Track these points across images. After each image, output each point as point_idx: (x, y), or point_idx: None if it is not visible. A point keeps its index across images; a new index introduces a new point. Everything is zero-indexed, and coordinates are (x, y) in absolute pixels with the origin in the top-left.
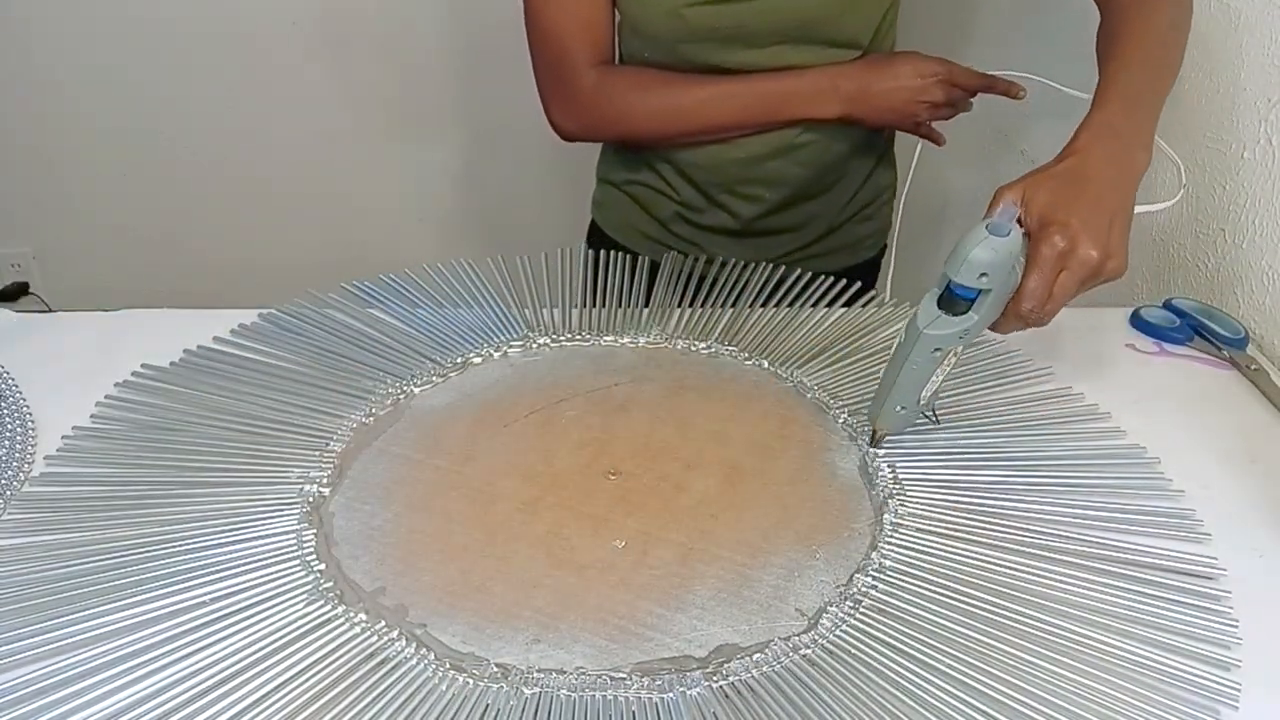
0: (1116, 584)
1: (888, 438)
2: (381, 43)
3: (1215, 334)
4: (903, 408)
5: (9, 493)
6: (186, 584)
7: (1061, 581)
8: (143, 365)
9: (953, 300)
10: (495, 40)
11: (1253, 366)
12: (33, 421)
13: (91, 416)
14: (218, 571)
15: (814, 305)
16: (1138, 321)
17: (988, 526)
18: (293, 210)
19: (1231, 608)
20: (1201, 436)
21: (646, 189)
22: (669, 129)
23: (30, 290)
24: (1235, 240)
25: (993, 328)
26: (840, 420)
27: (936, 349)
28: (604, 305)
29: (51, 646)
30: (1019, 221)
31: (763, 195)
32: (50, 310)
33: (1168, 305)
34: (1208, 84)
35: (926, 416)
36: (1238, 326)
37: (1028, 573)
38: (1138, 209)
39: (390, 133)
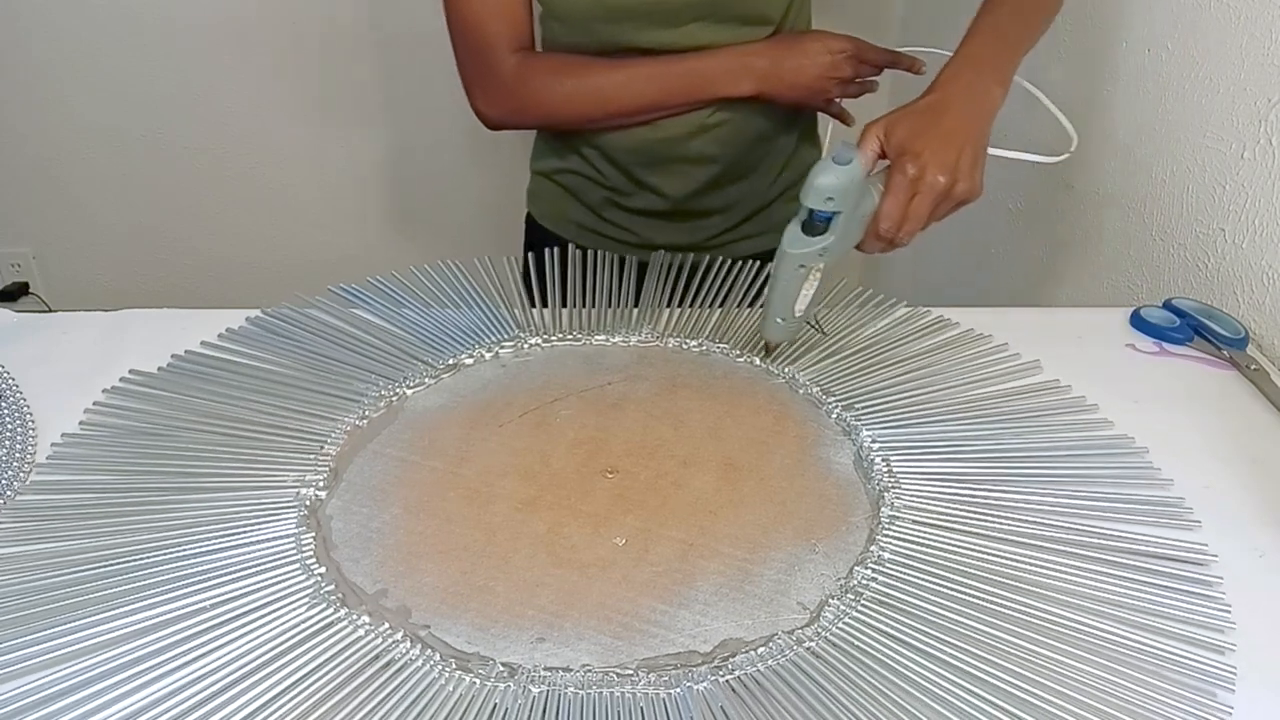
0: (1110, 571)
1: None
2: (384, 44)
3: (1215, 334)
4: (781, 319)
5: (9, 492)
6: (186, 590)
7: (1057, 570)
8: (130, 371)
9: (812, 224)
10: None
11: (1253, 366)
12: (33, 422)
13: (80, 424)
14: (217, 577)
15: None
16: (1138, 321)
17: (983, 517)
18: (294, 210)
19: (1224, 593)
20: (1201, 436)
21: (576, 176)
22: (588, 112)
23: (30, 290)
24: (1235, 240)
25: (859, 248)
26: (834, 415)
27: (800, 265)
28: (593, 305)
29: (51, 656)
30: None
31: (688, 173)
32: (50, 310)
33: (1168, 305)
34: (1208, 84)
35: (811, 326)
36: (1238, 326)
37: (1023, 562)
38: (1031, 157)
39: (391, 132)
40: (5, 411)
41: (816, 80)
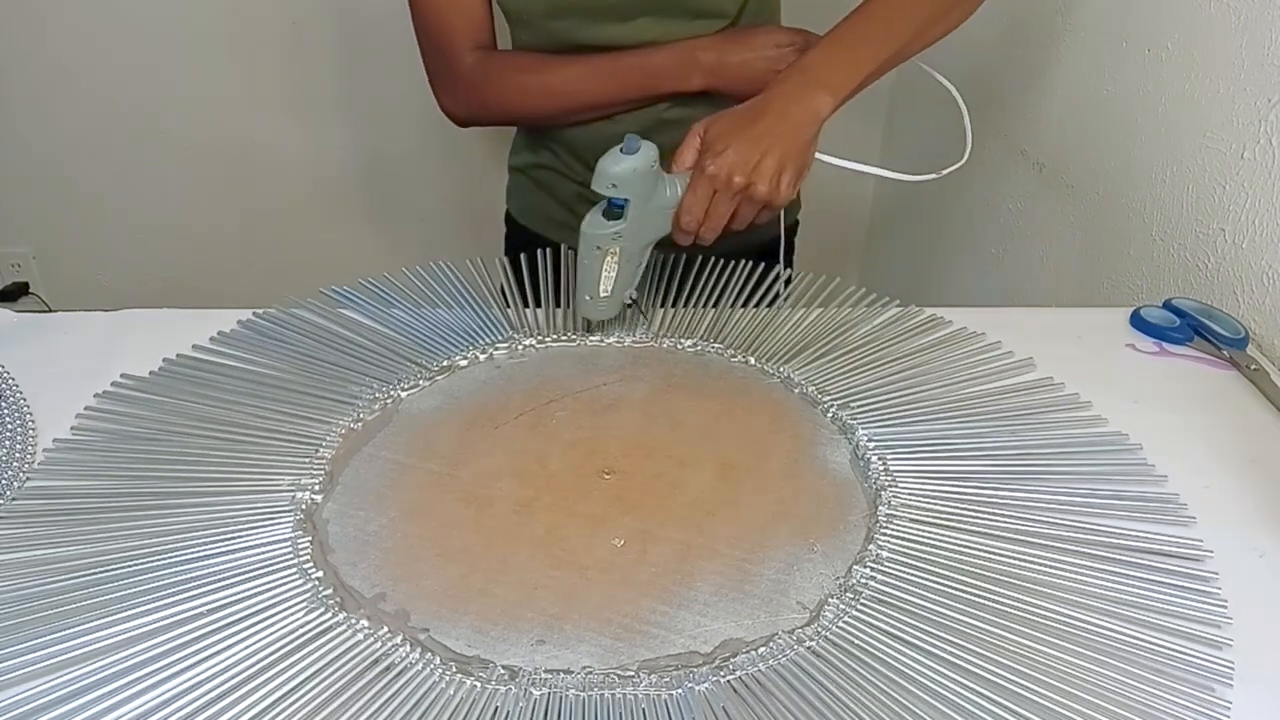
0: (1108, 568)
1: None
2: (385, 45)
3: (1215, 334)
4: (589, 296)
5: (9, 492)
6: (183, 596)
7: (1055, 567)
8: (122, 375)
9: (610, 210)
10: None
11: (1253, 366)
12: (33, 422)
13: (72, 429)
14: (213, 582)
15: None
16: (1138, 321)
17: (980, 515)
18: (294, 210)
19: (1220, 588)
20: (1201, 436)
21: (547, 171)
22: (544, 109)
23: (30, 290)
24: (1235, 240)
25: (673, 239)
26: (829, 414)
27: (597, 246)
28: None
29: (47, 663)
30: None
31: None
32: (50, 310)
33: (1168, 305)
34: (1208, 84)
35: (631, 304)
36: (1238, 326)
37: (1021, 559)
38: (887, 174)
39: (391, 133)
40: (5, 412)
41: (763, 75)
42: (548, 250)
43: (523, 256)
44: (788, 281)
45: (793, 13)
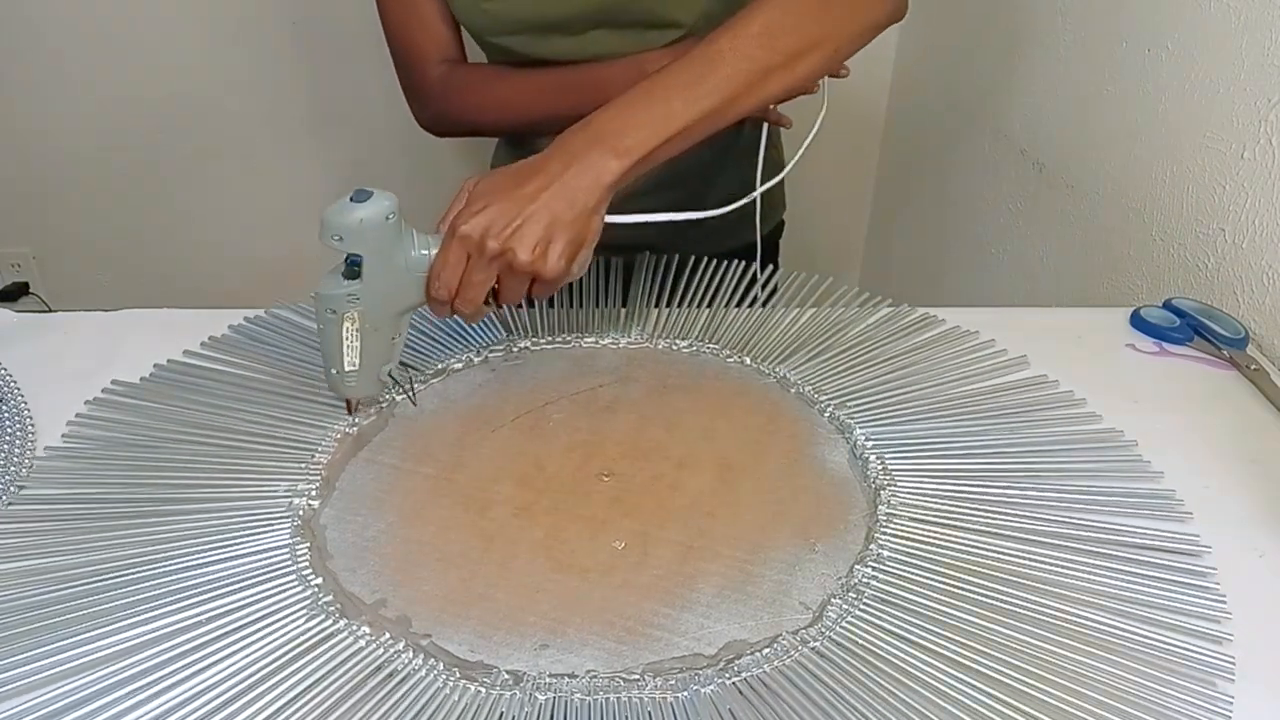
0: (1106, 564)
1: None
2: (385, 46)
3: (1215, 334)
4: (334, 370)
5: (4, 497)
6: (181, 604)
7: (1054, 564)
8: (113, 381)
9: (349, 269)
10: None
11: (1253, 366)
12: (32, 422)
13: (63, 436)
14: (212, 590)
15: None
16: (1138, 321)
17: (979, 513)
18: (295, 210)
19: (1218, 583)
20: (1201, 436)
21: None
22: (505, 121)
23: (30, 290)
24: (1235, 240)
25: (431, 313)
26: (827, 413)
27: (331, 310)
28: (581, 306)
29: (44, 675)
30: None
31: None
32: (50, 310)
33: (1168, 305)
34: (1208, 84)
35: (394, 385)
36: (1238, 326)
37: (1022, 557)
38: (704, 214)
39: (392, 134)
40: (5, 412)
41: None
42: None
43: None
44: (766, 284)
45: None
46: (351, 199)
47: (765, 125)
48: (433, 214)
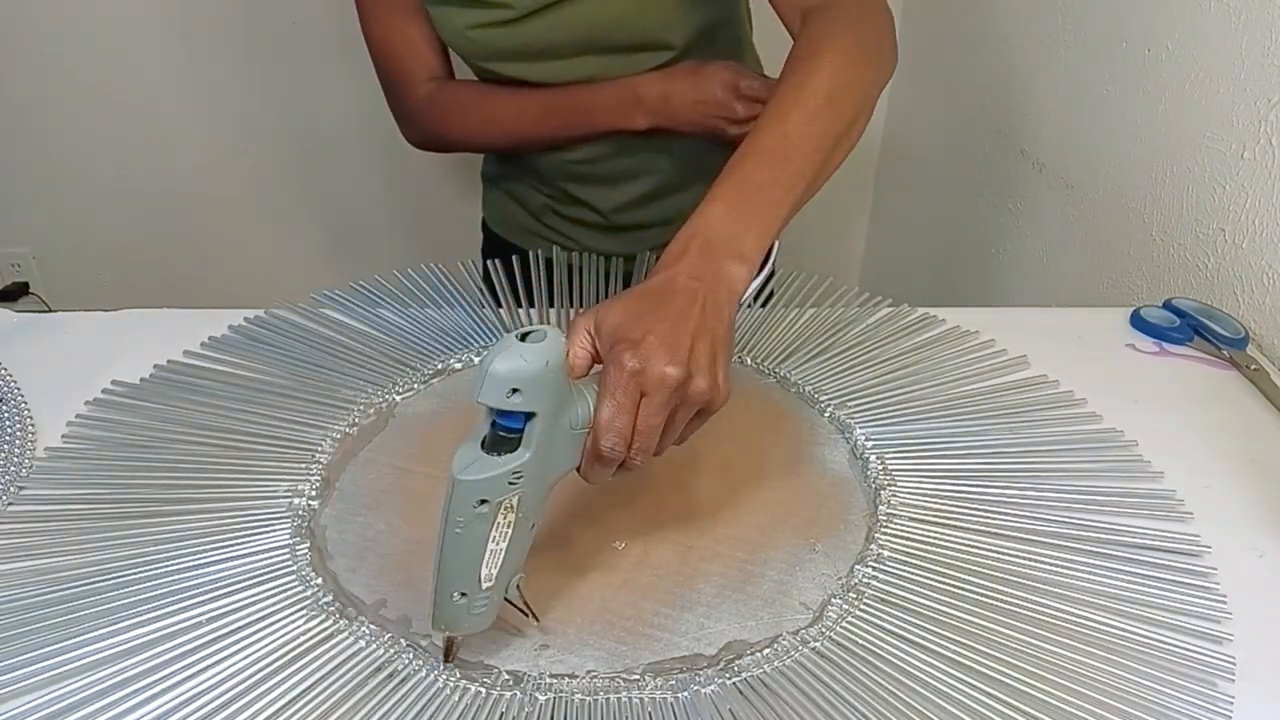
0: (1107, 564)
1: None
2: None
3: (1215, 334)
4: (463, 594)
5: (5, 497)
6: (182, 605)
7: (1055, 564)
8: (113, 381)
9: (498, 439)
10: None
11: (1253, 366)
12: (33, 422)
13: (63, 436)
14: (213, 591)
15: None
16: (1138, 321)
17: (979, 513)
18: (295, 210)
19: (1218, 583)
20: (1201, 436)
21: (518, 183)
22: (493, 142)
23: (30, 290)
24: (1235, 240)
25: (582, 476)
26: (827, 413)
27: (481, 499)
28: (581, 305)
29: (46, 676)
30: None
31: (618, 189)
32: (50, 310)
33: (1168, 305)
34: (1208, 84)
35: (516, 606)
36: (1238, 326)
37: (1022, 557)
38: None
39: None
40: (5, 412)
41: (706, 118)
42: (551, 251)
43: (531, 255)
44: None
45: (766, 41)
46: (521, 339)
47: None
48: (436, 215)
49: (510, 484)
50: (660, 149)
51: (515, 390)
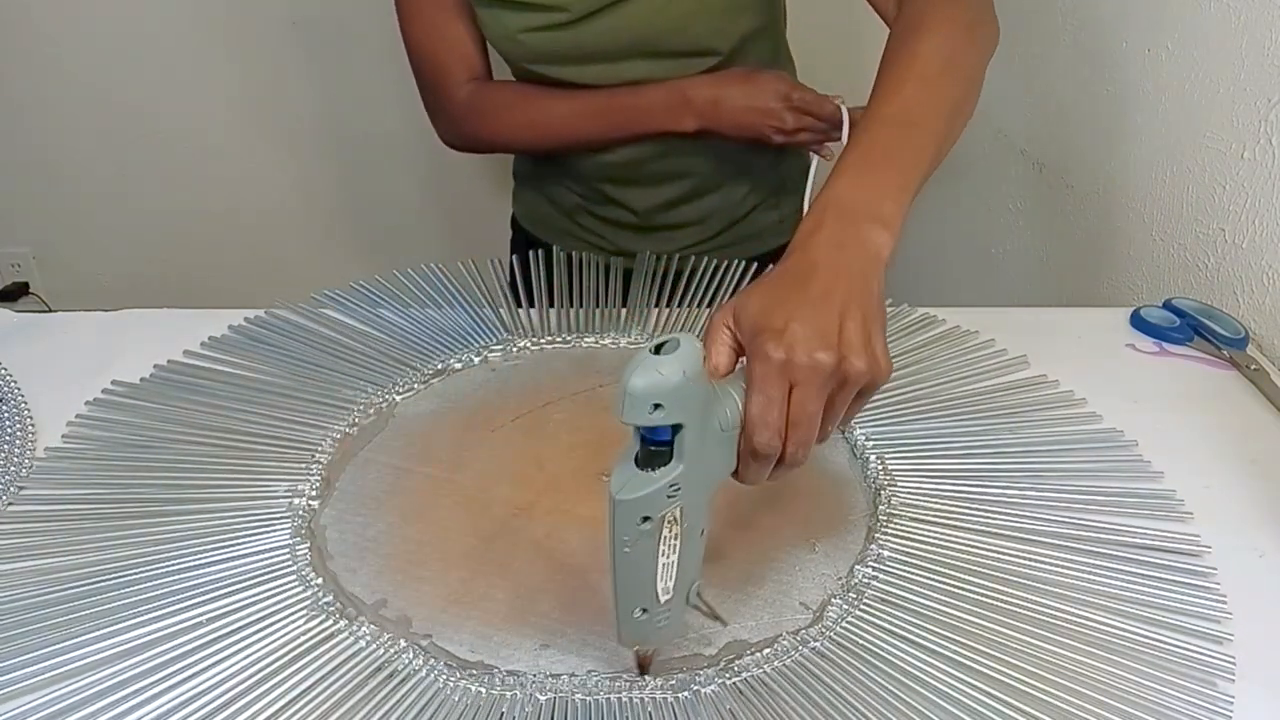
0: (1107, 564)
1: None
2: (386, 46)
3: (1215, 334)
4: (643, 610)
5: (5, 497)
6: (182, 605)
7: (1055, 564)
8: (113, 381)
9: (649, 454)
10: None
11: (1253, 366)
12: (33, 423)
13: (64, 436)
14: (212, 591)
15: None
16: (1138, 321)
17: (979, 513)
18: (295, 210)
19: (1219, 583)
20: (1201, 436)
21: (551, 182)
22: (536, 143)
23: (30, 290)
24: (1235, 240)
25: (737, 478)
26: None
27: (645, 517)
28: (581, 306)
29: (46, 676)
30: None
31: (655, 190)
32: (50, 310)
33: (1168, 305)
34: (1208, 84)
35: (702, 611)
36: (1238, 326)
37: (1022, 557)
38: None
39: (394, 135)
40: (5, 412)
41: (755, 125)
42: (551, 250)
43: (531, 255)
44: None
45: (804, 62)
46: (655, 351)
47: (814, 157)
48: (439, 217)
49: (669, 497)
50: (700, 151)
51: (657, 406)
